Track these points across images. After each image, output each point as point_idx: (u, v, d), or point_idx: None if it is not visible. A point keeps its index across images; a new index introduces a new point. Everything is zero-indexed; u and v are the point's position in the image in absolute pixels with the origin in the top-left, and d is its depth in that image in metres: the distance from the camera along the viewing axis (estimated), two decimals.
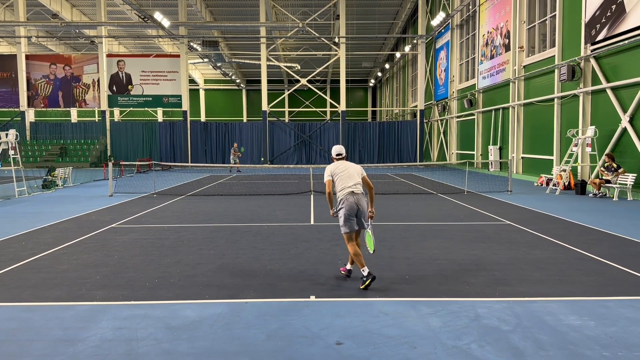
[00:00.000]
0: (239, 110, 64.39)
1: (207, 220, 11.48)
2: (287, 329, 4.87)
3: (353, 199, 6.30)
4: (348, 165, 6.56)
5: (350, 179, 6.39)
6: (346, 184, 6.36)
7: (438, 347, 4.43)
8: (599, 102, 17.43)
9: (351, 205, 6.29)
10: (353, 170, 6.49)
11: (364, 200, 6.41)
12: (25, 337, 4.69)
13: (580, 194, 16.40)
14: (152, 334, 4.75)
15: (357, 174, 6.48)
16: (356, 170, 6.51)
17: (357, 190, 6.35)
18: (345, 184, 6.37)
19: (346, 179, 6.39)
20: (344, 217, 6.33)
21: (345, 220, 6.32)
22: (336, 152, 6.71)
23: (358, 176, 6.47)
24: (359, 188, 6.39)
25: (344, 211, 6.31)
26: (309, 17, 35.91)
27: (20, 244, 8.85)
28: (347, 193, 6.32)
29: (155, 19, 29.72)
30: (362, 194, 6.41)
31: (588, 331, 4.76)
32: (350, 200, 6.29)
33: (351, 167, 6.53)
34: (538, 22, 22.11)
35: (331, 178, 6.50)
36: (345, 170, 6.47)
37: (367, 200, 6.50)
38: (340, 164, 6.57)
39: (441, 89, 35.67)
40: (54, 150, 36.09)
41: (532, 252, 8.11)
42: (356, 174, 6.47)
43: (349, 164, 6.59)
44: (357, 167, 6.60)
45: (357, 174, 6.48)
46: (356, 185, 6.37)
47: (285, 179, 24.31)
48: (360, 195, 6.37)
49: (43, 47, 45.00)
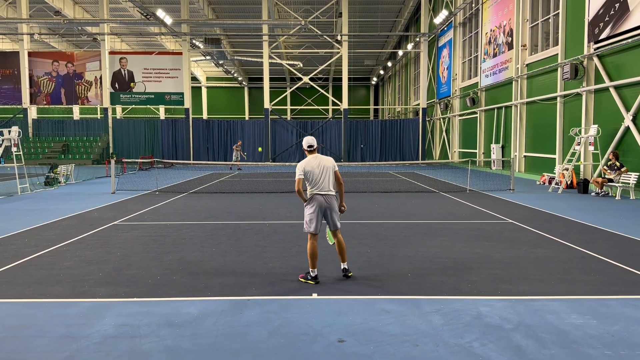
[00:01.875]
0: (241, 108, 64.41)
1: (210, 218, 11.49)
2: (290, 326, 4.88)
3: (323, 198, 6.33)
4: (321, 160, 6.39)
5: (322, 182, 6.32)
6: (318, 186, 6.32)
7: (440, 345, 4.43)
8: (601, 100, 17.39)
9: (320, 203, 6.32)
10: (326, 171, 6.36)
11: (334, 200, 6.43)
12: (29, 334, 4.71)
13: (582, 192, 16.38)
14: (155, 330, 4.77)
15: (329, 173, 6.38)
16: (329, 168, 6.40)
17: (328, 193, 6.35)
18: (316, 185, 6.33)
19: (319, 180, 6.32)
20: (311, 216, 6.33)
21: (312, 220, 6.33)
22: (308, 144, 6.50)
23: (330, 176, 6.39)
24: (331, 191, 6.38)
25: (312, 210, 6.32)
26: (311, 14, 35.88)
27: (23, 241, 8.88)
28: (317, 194, 6.33)
29: (158, 16, 29.73)
30: (333, 195, 6.42)
31: (590, 330, 4.76)
32: (320, 200, 6.32)
33: (325, 165, 6.38)
34: (541, 21, 22.05)
35: (303, 176, 6.36)
36: (318, 169, 6.33)
37: (336, 203, 6.48)
38: (312, 161, 6.39)
39: (443, 87, 35.62)
40: (57, 148, 36.15)
41: (534, 250, 8.10)
42: (329, 175, 6.38)
43: (322, 158, 6.43)
44: (330, 162, 6.46)
45: (330, 172, 6.39)
46: (327, 190, 6.35)
47: (287, 176, 24.31)
48: (331, 196, 6.39)
49: (45, 45, 45.05)
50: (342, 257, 6.58)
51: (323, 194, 6.34)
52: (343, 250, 6.54)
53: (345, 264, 6.59)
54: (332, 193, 6.41)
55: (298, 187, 6.35)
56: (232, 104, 64.68)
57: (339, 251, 6.55)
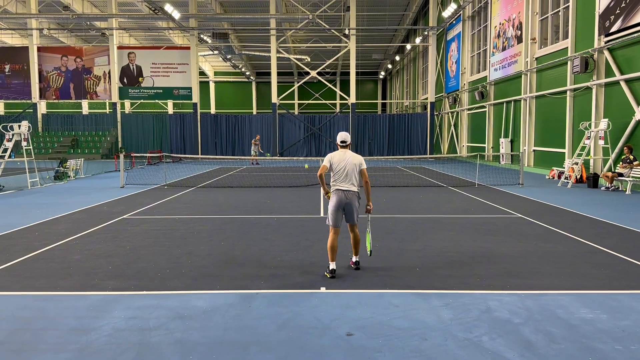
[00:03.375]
0: (248, 102, 64.43)
1: (218, 212, 11.53)
2: (298, 319, 4.89)
3: (343, 194, 6.39)
4: (348, 156, 6.48)
5: (346, 177, 6.41)
6: (340, 181, 6.42)
7: (449, 339, 4.43)
8: (612, 94, 17.22)
9: (340, 198, 6.39)
10: (351, 167, 6.42)
11: (355, 197, 6.45)
12: (40, 326, 4.76)
13: (592, 187, 16.26)
14: (164, 323, 4.80)
15: (355, 169, 6.44)
16: (355, 165, 6.45)
17: (349, 189, 6.39)
18: (338, 179, 6.43)
19: (342, 176, 6.42)
20: (331, 211, 6.47)
21: (331, 214, 6.47)
22: (341, 139, 6.63)
23: (355, 172, 6.44)
24: (352, 187, 6.41)
25: (332, 205, 6.44)
26: (319, 8, 35.76)
27: (33, 235, 8.95)
28: (339, 189, 6.41)
29: (166, 10, 29.76)
30: (354, 192, 6.42)
31: (600, 324, 4.73)
32: (340, 195, 6.39)
33: (350, 161, 6.45)
34: (551, 14, 21.84)
35: (328, 165, 6.49)
36: (343, 163, 6.43)
37: (357, 200, 6.48)
38: (340, 154, 6.51)
39: (452, 81, 35.41)
40: (66, 142, 36.38)
41: (544, 245, 8.06)
42: (354, 171, 6.43)
43: (350, 155, 6.51)
44: (357, 159, 6.52)
45: (355, 169, 6.44)
46: (350, 185, 6.40)
47: (294, 171, 24.33)
48: (352, 193, 6.41)
49: (54, 40, 45.24)
50: (354, 250, 6.68)
51: (344, 190, 6.39)
52: (357, 244, 6.65)
53: (356, 257, 6.69)
54: (354, 189, 6.42)
55: (320, 172, 6.48)
56: (239, 99, 64.72)
57: (353, 244, 6.66)
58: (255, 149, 30.06)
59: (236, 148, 37.68)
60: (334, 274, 6.31)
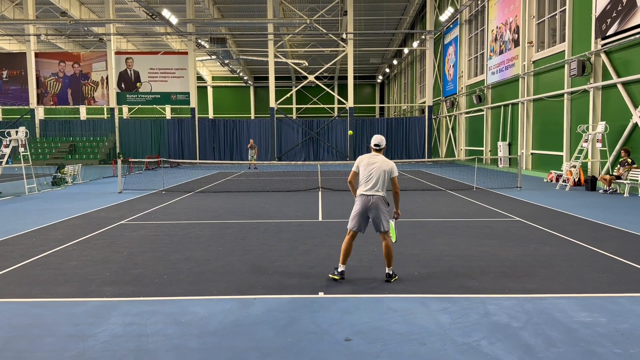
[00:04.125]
0: (246, 107, 64.50)
1: (216, 217, 11.50)
2: (296, 325, 4.86)
3: (368, 199, 6.21)
4: (377, 161, 6.27)
5: (372, 182, 6.20)
6: (365, 185, 6.24)
7: (448, 343, 4.41)
8: (609, 97, 17.26)
9: (364, 203, 6.21)
10: (380, 172, 6.19)
11: (380, 203, 6.19)
12: (36, 333, 4.72)
13: (590, 190, 16.27)
14: (162, 329, 4.77)
15: (384, 176, 6.21)
16: (384, 172, 6.21)
17: (375, 193, 6.19)
18: (364, 183, 6.26)
19: (368, 179, 6.23)
20: (353, 214, 6.33)
21: (353, 218, 6.32)
22: (374, 142, 6.40)
23: (383, 178, 6.21)
24: (378, 192, 6.19)
25: (356, 208, 6.31)
26: (316, 13, 35.86)
27: (30, 241, 8.92)
28: (363, 193, 6.25)
29: (163, 16, 29.79)
30: (379, 197, 6.19)
31: (599, 328, 4.72)
32: (364, 199, 6.22)
33: (380, 167, 6.22)
34: (548, 17, 21.91)
35: (357, 170, 6.38)
36: (371, 169, 6.23)
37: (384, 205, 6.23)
38: (369, 158, 6.32)
39: (450, 85, 35.48)
40: (64, 148, 36.32)
41: (542, 248, 8.05)
42: (382, 177, 6.19)
43: (379, 159, 6.28)
44: (387, 165, 6.25)
45: (384, 176, 6.21)
46: (374, 190, 6.19)
47: (293, 175, 24.32)
48: (377, 197, 6.18)
49: (52, 45, 45.26)
50: (387, 261, 6.31)
51: (369, 195, 6.20)
52: (389, 255, 6.27)
53: (388, 269, 6.33)
54: (379, 194, 6.19)
55: (349, 179, 6.48)
56: (237, 103, 64.79)
57: (384, 255, 6.30)
58: (252, 153, 30.00)
59: (234, 153, 37.67)
60: (342, 276, 6.22)
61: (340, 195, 15.48)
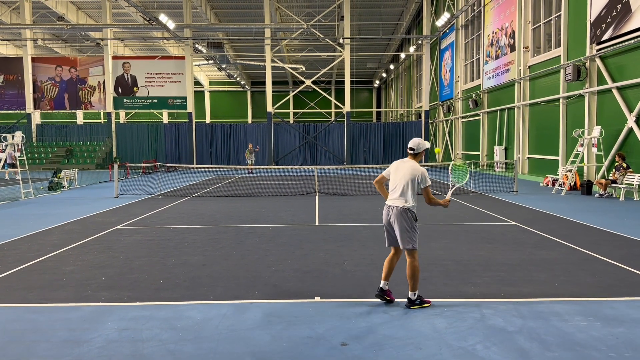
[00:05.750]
0: (244, 111, 64.49)
1: (212, 222, 11.49)
2: (292, 329, 4.87)
3: (387, 209, 5.62)
4: (405, 168, 5.58)
5: (395, 191, 5.57)
6: (391, 195, 5.64)
7: (443, 348, 4.41)
8: (604, 102, 17.34)
9: (385, 215, 5.65)
10: (403, 180, 5.51)
11: (401, 214, 5.45)
12: (32, 338, 4.71)
13: (586, 194, 16.32)
14: (157, 334, 4.76)
15: (409, 184, 5.49)
16: (408, 180, 5.49)
17: (394, 204, 5.53)
18: (390, 193, 5.67)
19: (392, 189, 5.63)
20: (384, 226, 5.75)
21: (385, 230, 5.76)
22: (409, 146, 5.75)
23: (407, 186, 5.49)
24: (398, 203, 5.50)
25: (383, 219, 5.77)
26: (313, 18, 35.94)
27: (26, 246, 8.89)
28: (386, 203, 5.71)
29: (161, 21, 29.81)
30: (399, 208, 5.47)
31: (594, 332, 4.73)
32: (385, 211, 5.66)
33: (403, 173, 5.56)
34: (543, 22, 22.02)
35: (386, 175, 5.79)
36: (395, 175, 5.64)
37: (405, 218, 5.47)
38: (398, 163, 5.72)
39: (446, 90, 35.59)
40: (60, 152, 36.24)
41: (538, 252, 8.07)
42: (405, 185, 5.49)
43: (408, 166, 5.57)
44: (414, 173, 5.50)
45: (409, 184, 5.49)
46: (395, 200, 5.53)
47: (290, 180, 24.32)
48: (397, 209, 5.48)
49: (49, 50, 45.21)
50: (410, 283, 5.50)
51: (390, 205, 5.58)
52: (412, 276, 5.46)
53: (411, 293, 5.50)
54: (399, 205, 5.47)
55: (375, 180, 5.91)
56: (235, 108, 64.79)
57: (407, 275, 5.52)
58: (251, 157, 30.03)
59: (231, 157, 37.65)
60: (379, 293, 5.59)
61: (337, 200, 15.49)
